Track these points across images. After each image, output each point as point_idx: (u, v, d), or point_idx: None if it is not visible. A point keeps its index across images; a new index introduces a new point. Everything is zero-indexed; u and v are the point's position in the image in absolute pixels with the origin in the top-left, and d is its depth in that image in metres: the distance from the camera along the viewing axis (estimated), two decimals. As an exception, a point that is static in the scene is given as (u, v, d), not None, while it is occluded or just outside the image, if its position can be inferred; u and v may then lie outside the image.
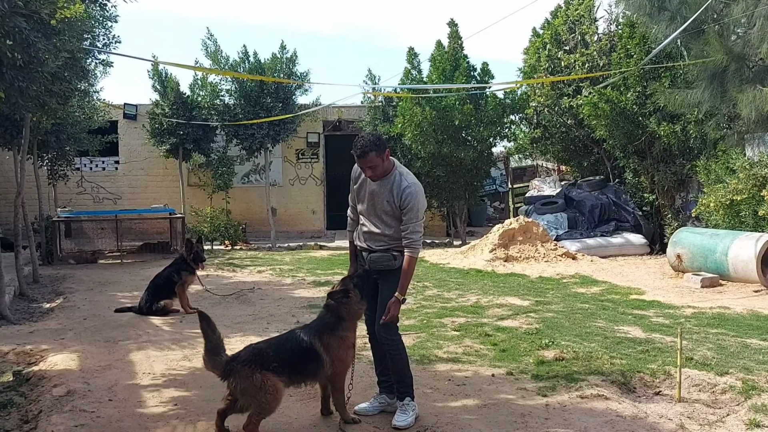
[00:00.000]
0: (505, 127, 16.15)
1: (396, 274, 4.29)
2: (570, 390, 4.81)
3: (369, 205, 4.36)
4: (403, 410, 4.27)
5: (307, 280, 10.37)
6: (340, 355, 4.19)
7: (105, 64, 9.51)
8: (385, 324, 4.27)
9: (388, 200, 4.26)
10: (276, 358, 4.06)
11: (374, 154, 4.20)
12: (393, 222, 4.29)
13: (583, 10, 15.41)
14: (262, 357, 4.05)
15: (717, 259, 9.48)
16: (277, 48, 15.58)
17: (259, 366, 3.99)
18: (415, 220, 4.24)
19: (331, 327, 4.22)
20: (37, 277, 10.39)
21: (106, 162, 18.23)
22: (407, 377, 4.37)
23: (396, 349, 4.35)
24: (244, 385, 3.96)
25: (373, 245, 4.35)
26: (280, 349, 4.16)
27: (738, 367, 5.23)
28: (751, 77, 8.76)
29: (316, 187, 18.77)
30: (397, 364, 4.37)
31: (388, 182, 4.28)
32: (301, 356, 4.13)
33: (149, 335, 6.78)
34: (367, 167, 4.24)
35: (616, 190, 14.33)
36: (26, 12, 4.87)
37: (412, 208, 4.22)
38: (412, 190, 4.23)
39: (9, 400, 4.74)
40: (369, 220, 4.37)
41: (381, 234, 4.32)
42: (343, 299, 4.27)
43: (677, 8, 9.42)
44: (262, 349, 4.17)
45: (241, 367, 4.00)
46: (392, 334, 4.34)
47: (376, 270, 4.36)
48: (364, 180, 4.39)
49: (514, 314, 7.53)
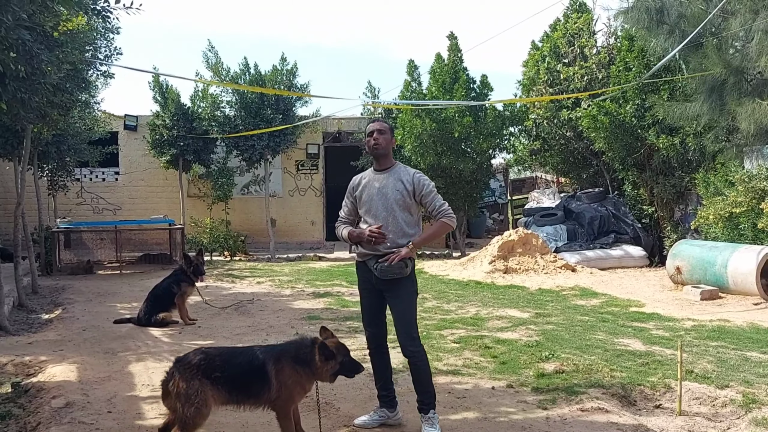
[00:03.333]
0: (504, 139, 16.21)
1: (408, 281, 4.27)
2: (570, 403, 4.80)
3: (377, 200, 4.33)
4: (431, 423, 4.22)
5: (307, 292, 10.35)
6: (288, 384, 3.86)
7: (106, 76, 9.57)
8: (409, 335, 4.25)
9: (398, 188, 4.30)
10: (221, 369, 3.81)
11: (387, 126, 4.48)
12: (402, 213, 4.29)
13: (582, 24, 15.50)
14: (208, 363, 3.79)
15: (716, 272, 9.48)
16: (278, 60, 15.68)
17: (201, 373, 3.73)
18: (438, 197, 4.36)
19: (296, 359, 3.91)
20: (36, 288, 10.37)
21: (106, 173, 18.26)
22: (431, 388, 4.33)
23: (421, 359, 4.31)
24: (180, 388, 3.69)
25: (380, 246, 4.25)
26: (230, 361, 3.91)
27: (738, 381, 5.22)
28: (750, 90, 8.80)
29: (316, 198, 18.79)
30: (421, 376, 4.32)
31: (394, 172, 4.39)
32: (248, 374, 3.85)
33: (148, 346, 6.76)
34: (376, 129, 4.40)
35: (616, 202, 14.36)
36: (30, 24, 4.90)
37: (431, 188, 4.35)
38: (421, 174, 4.42)
39: (7, 412, 4.72)
40: (376, 219, 4.31)
41: (389, 230, 4.25)
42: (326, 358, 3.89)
43: (676, 22, 9.47)
44: (211, 355, 3.90)
45: (184, 369, 3.74)
46: (417, 345, 4.30)
47: (385, 280, 4.24)
48: (368, 181, 4.44)
49: (513, 326, 7.51)
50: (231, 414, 4.33)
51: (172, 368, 3.83)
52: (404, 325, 4.28)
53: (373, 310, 4.45)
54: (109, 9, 6.39)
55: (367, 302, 4.49)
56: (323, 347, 3.89)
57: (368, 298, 4.47)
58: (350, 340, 6.55)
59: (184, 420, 3.69)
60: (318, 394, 4.11)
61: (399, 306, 4.30)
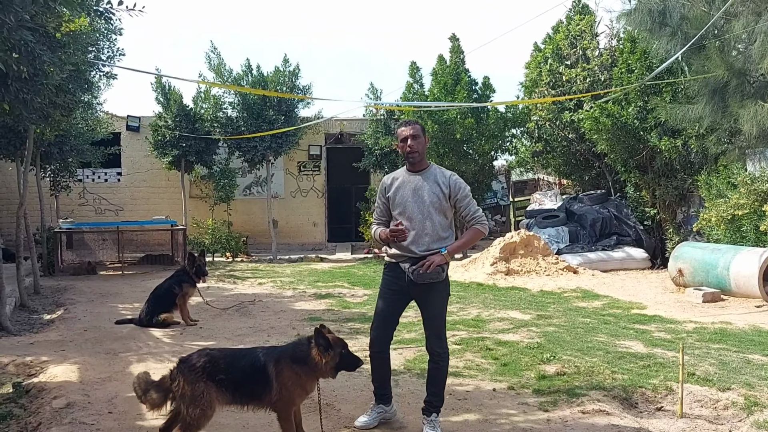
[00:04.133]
0: (506, 140, 16.22)
1: (442, 285, 4.27)
2: (571, 405, 4.79)
3: (412, 202, 4.29)
4: (433, 426, 4.24)
5: (308, 293, 10.35)
6: (288, 385, 3.87)
7: (109, 77, 9.59)
8: (438, 336, 4.31)
9: (434, 191, 4.27)
10: (226, 371, 3.83)
11: (419, 128, 4.40)
12: (438, 216, 4.27)
13: (585, 26, 15.50)
14: (213, 365, 3.81)
15: (719, 274, 9.46)
16: (280, 61, 15.70)
17: (206, 374, 3.75)
18: (473, 203, 4.35)
19: (294, 359, 3.91)
20: (38, 288, 10.39)
21: (108, 173, 18.30)
22: (443, 393, 4.39)
23: (445, 361, 4.37)
24: (184, 390, 3.71)
25: (415, 248, 4.24)
26: (233, 364, 3.92)
27: (740, 383, 5.21)
28: (752, 92, 8.78)
29: (318, 199, 18.79)
30: (440, 378, 4.36)
31: (430, 174, 4.35)
32: (251, 376, 3.87)
33: (150, 347, 6.77)
34: (410, 135, 4.32)
35: (618, 204, 14.34)
36: (33, 25, 4.90)
37: (466, 193, 4.33)
38: (457, 177, 4.39)
39: (8, 412, 4.73)
40: (411, 222, 4.28)
41: (425, 233, 4.24)
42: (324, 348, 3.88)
43: (678, 24, 9.45)
44: (215, 357, 3.90)
45: (188, 371, 3.75)
46: (444, 346, 4.36)
47: (420, 284, 4.21)
48: (402, 182, 4.39)
49: (515, 328, 7.51)
50: (232, 415, 4.33)
51: (176, 369, 3.83)
52: (435, 327, 4.33)
53: (390, 312, 4.41)
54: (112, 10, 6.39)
55: (386, 303, 4.42)
56: (319, 334, 3.89)
57: (390, 300, 4.41)
58: (351, 341, 6.53)
59: (187, 421, 3.71)
60: (320, 395, 4.11)
61: (431, 309, 4.32)
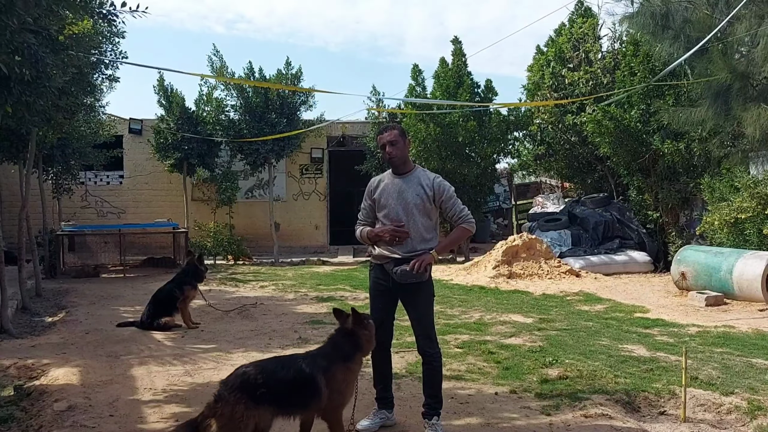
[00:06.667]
0: (508, 143, 16.20)
1: (426, 285, 4.28)
2: (574, 409, 4.77)
3: (396, 204, 4.29)
4: (435, 430, 4.23)
5: (310, 296, 10.34)
6: (342, 389, 3.83)
7: (111, 80, 9.60)
8: (428, 336, 4.31)
9: (418, 193, 4.27)
10: (265, 385, 3.62)
11: (397, 133, 4.37)
12: (422, 218, 4.27)
13: (587, 29, 15.50)
14: (248, 384, 3.61)
15: (722, 278, 9.43)
16: (283, 64, 15.72)
17: (245, 395, 3.56)
18: (458, 202, 4.34)
19: (344, 356, 3.88)
20: (40, 291, 10.39)
21: (110, 176, 18.31)
22: (440, 394, 4.37)
23: (438, 361, 4.36)
24: (223, 411, 3.54)
25: (399, 250, 4.24)
26: (273, 377, 3.70)
27: (743, 387, 5.18)
28: (755, 96, 8.77)
29: (320, 202, 18.79)
30: (436, 379, 4.35)
31: (414, 176, 4.36)
32: (297, 387, 3.71)
33: (151, 350, 6.76)
34: (388, 141, 4.32)
35: (620, 207, 14.31)
36: (35, 28, 4.91)
37: (451, 194, 4.33)
38: (441, 179, 4.38)
39: (10, 415, 4.71)
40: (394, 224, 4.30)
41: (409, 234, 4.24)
42: (364, 329, 3.96)
43: (681, 27, 9.46)
44: (249, 374, 3.66)
45: (228, 395, 3.57)
46: (434, 346, 4.35)
47: (403, 284, 4.22)
48: (386, 184, 4.40)
49: (517, 332, 7.48)
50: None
51: (218, 392, 3.64)
52: (423, 327, 4.33)
53: (384, 314, 4.42)
54: (115, 13, 6.40)
55: (378, 305, 4.44)
56: (355, 313, 3.96)
57: (380, 302, 4.43)
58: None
59: None
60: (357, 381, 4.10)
61: (418, 309, 4.33)
